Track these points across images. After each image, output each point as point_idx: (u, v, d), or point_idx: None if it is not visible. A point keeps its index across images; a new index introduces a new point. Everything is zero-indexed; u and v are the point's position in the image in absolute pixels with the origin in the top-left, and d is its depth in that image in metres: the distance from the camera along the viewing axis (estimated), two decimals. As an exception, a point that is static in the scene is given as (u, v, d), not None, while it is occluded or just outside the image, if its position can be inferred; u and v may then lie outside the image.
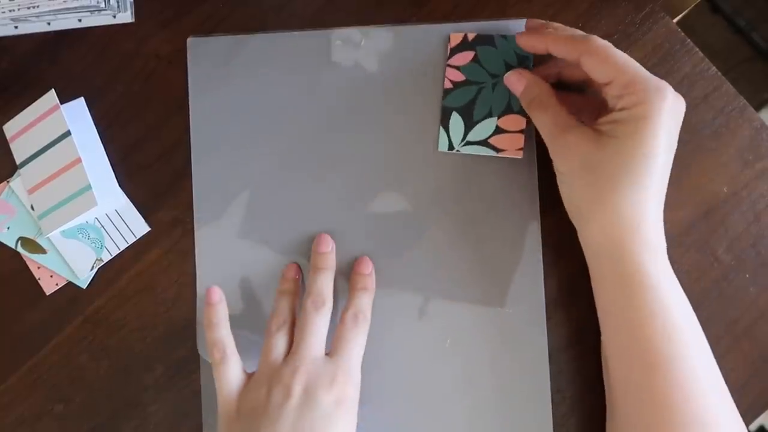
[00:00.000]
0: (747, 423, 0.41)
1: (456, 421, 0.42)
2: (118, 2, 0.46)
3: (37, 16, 0.45)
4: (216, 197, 0.44)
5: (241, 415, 0.38)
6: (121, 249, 0.45)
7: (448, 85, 0.42)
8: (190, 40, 0.45)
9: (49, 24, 0.46)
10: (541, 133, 0.38)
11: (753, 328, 0.42)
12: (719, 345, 0.42)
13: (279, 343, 0.40)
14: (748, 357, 0.41)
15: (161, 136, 0.45)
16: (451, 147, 0.42)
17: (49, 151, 0.43)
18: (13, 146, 0.45)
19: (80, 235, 0.45)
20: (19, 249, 0.45)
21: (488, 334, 0.42)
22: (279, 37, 0.45)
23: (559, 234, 0.43)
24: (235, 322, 0.43)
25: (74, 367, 0.45)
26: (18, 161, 0.45)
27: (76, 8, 0.44)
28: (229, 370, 0.40)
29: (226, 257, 0.44)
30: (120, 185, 0.45)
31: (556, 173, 0.38)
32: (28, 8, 0.43)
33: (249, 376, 0.40)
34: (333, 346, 0.40)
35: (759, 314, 0.42)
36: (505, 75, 0.40)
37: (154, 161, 0.45)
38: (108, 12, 0.46)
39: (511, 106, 0.41)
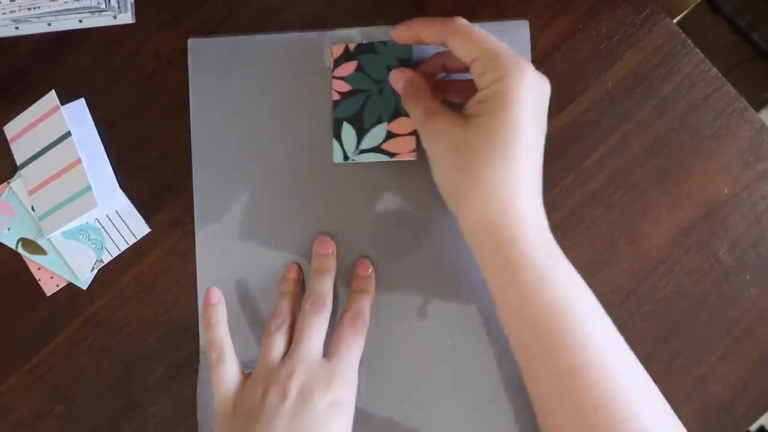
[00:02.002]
0: (747, 424, 0.41)
1: (456, 421, 0.42)
2: (118, 3, 0.46)
3: (38, 17, 0.45)
4: (216, 198, 0.44)
5: (237, 415, 0.38)
6: (122, 250, 0.45)
7: (335, 96, 0.42)
8: (190, 41, 0.45)
9: (49, 25, 0.46)
10: (415, 124, 0.38)
11: (753, 329, 0.42)
12: (720, 346, 0.42)
13: (277, 344, 0.40)
14: (749, 358, 0.41)
15: (161, 137, 0.45)
16: (345, 157, 0.42)
17: (49, 152, 0.43)
18: (13, 147, 0.45)
19: (80, 236, 0.45)
20: (20, 250, 0.45)
21: (489, 334, 0.42)
22: (279, 38, 0.45)
23: (558, 235, 0.43)
24: (235, 322, 0.43)
25: (74, 367, 0.45)
26: (18, 162, 0.45)
27: (76, 9, 0.44)
28: (226, 370, 0.40)
29: (226, 258, 0.44)
30: (120, 186, 0.45)
31: (429, 162, 0.38)
32: (29, 9, 0.43)
33: (246, 377, 0.40)
34: (331, 349, 0.40)
35: (759, 315, 0.42)
36: (389, 76, 0.40)
37: (154, 162, 0.45)
38: (108, 13, 0.46)
39: (399, 110, 0.41)
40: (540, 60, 0.43)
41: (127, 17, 0.46)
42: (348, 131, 0.42)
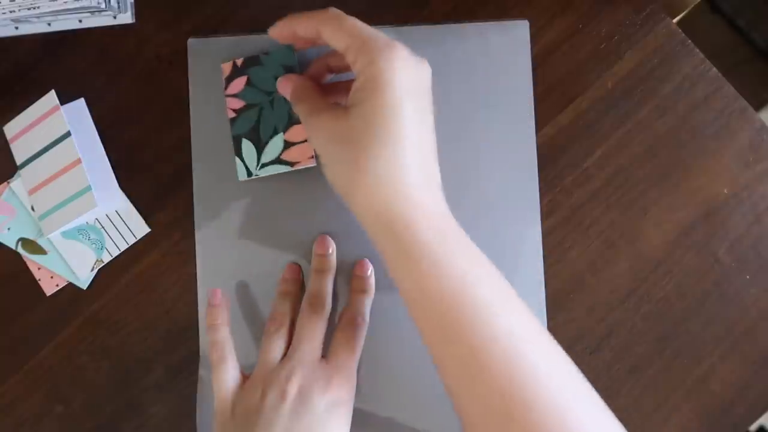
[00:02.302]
0: (747, 424, 0.41)
1: (456, 422, 0.42)
2: (118, 3, 0.46)
3: (38, 17, 0.45)
4: (216, 198, 0.44)
5: (236, 416, 0.38)
6: (122, 250, 0.45)
7: (231, 114, 0.42)
8: (190, 42, 0.45)
9: (49, 25, 0.46)
10: (302, 122, 0.37)
11: (753, 329, 0.42)
12: (720, 346, 0.42)
13: (276, 345, 0.40)
14: (749, 358, 0.41)
15: (161, 137, 0.45)
16: (249, 174, 0.42)
17: (49, 152, 0.43)
18: (13, 147, 0.45)
19: (80, 236, 0.45)
20: (20, 250, 0.45)
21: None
22: (279, 38, 0.45)
23: (559, 235, 0.43)
24: (235, 322, 0.43)
25: (75, 367, 0.45)
26: (18, 162, 0.45)
27: (76, 9, 0.44)
28: (226, 372, 0.40)
29: (226, 258, 0.44)
30: (120, 186, 0.45)
31: (318, 158, 0.37)
32: (29, 9, 0.43)
33: (246, 378, 0.40)
34: (330, 349, 0.40)
35: (759, 315, 0.42)
36: (277, 85, 0.40)
37: (154, 162, 0.45)
38: (108, 13, 0.46)
39: (292, 118, 0.41)
40: (540, 60, 0.43)
41: (127, 17, 0.46)
42: (248, 147, 0.42)
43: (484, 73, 0.43)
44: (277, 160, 0.41)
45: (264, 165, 0.42)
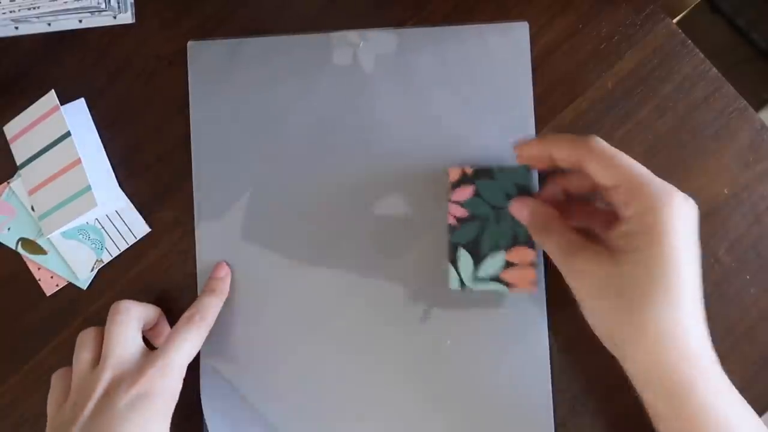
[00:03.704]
0: (747, 424, 0.41)
1: (457, 422, 0.42)
2: (118, 3, 0.46)
3: (38, 17, 0.45)
4: (216, 198, 0.44)
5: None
6: (122, 250, 0.45)
7: (452, 221, 0.40)
8: (189, 44, 0.45)
9: (49, 25, 0.46)
10: (553, 259, 0.35)
11: (753, 330, 0.42)
12: (719, 346, 0.42)
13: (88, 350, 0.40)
14: (749, 358, 0.41)
15: (162, 137, 0.45)
16: (462, 285, 0.40)
17: (49, 152, 0.43)
18: (13, 147, 0.45)
19: (80, 236, 0.45)
20: (20, 250, 0.45)
21: (489, 334, 0.42)
22: (279, 40, 0.45)
23: (559, 235, 0.43)
24: (234, 322, 0.43)
25: (75, 368, 0.45)
26: (18, 162, 0.45)
27: (76, 9, 0.44)
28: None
29: (226, 258, 0.44)
30: (120, 186, 0.45)
31: (578, 301, 0.35)
32: (29, 9, 0.43)
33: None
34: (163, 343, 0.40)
35: (759, 316, 0.42)
36: (510, 205, 0.39)
37: (154, 162, 0.45)
38: (108, 13, 0.46)
39: (518, 238, 0.39)
40: (540, 60, 0.43)
41: (127, 17, 0.46)
42: (465, 258, 0.40)
43: (484, 75, 0.43)
44: (495, 278, 0.39)
45: (480, 279, 0.39)
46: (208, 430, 0.42)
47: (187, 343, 0.39)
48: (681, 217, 0.32)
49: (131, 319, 0.40)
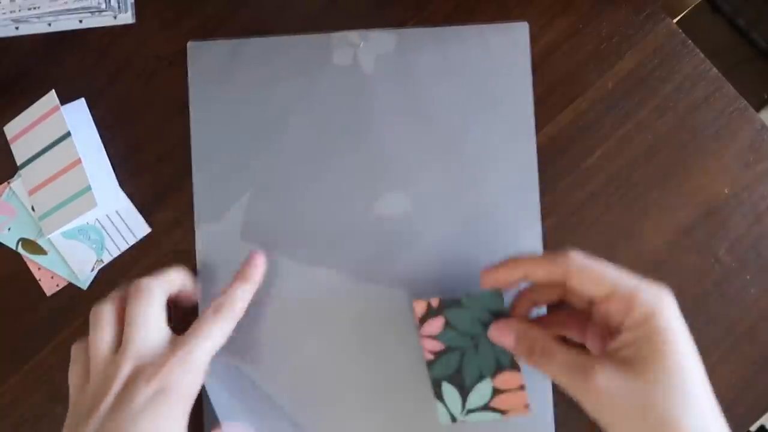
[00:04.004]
0: (748, 424, 0.41)
1: (456, 422, 0.42)
2: (118, 3, 0.46)
3: (38, 17, 0.45)
4: (217, 199, 0.44)
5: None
6: (122, 250, 0.45)
7: (428, 357, 0.38)
8: (189, 45, 0.45)
9: (49, 25, 0.46)
10: (559, 383, 0.33)
11: (754, 330, 0.42)
12: (720, 346, 0.42)
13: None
14: (749, 358, 0.41)
15: (162, 137, 0.45)
16: (453, 419, 0.38)
17: (49, 152, 0.43)
18: (13, 147, 0.45)
19: (81, 236, 0.45)
20: (20, 250, 0.45)
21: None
22: (279, 41, 0.45)
23: (559, 235, 0.43)
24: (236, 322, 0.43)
25: (75, 368, 0.45)
26: (18, 162, 0.45)
27: (77, 9, 0.44)
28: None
29: (227, 258, 0.44)
30: (120, 186, 0.45)
31: (599, 422, 0.32)
32: (29, 9, 0.43)
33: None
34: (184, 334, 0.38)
35: (759, 315, 0.42)
36: (489, 333, 0.37)
37: (154, 162, 0.45)
38: (109, 13, 0.46)
39: (501, 364, 0.37)
40: (540, 60, 0.43)
41: (127, 17, 0.46)
42: (450, 392, 0.38)
43: (484, 75, 0.43)
44: (486, 407, 0.38)
45: (470, 411, 0.38)
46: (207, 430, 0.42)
47: (212, 335, 0.38)
48: (675, 314, 0.32)
49: (154, 300, 0.38)
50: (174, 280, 0.41)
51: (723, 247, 0.42)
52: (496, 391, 0.38)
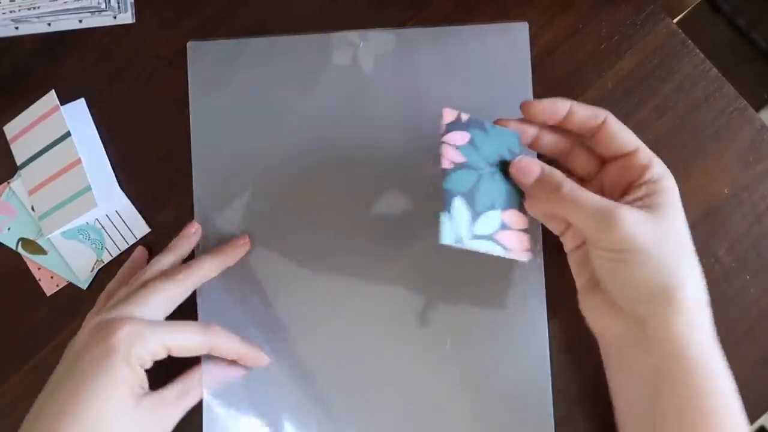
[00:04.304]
0: (748, 423, 0.41)
1: (457, 422, 0.42)
2: (118, 3, 0.46)
3: (38, 17, 0.45)
4: (217, 198, 0.44)
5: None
6: (122, 250, 0.45)
7: (447, 165, 0.35)
8: (189, 44, 0.45)
9: (49, 25, 0.46)
10: (588, 216, 0.34)
11: (754, 330, 0.42)
12: (719, 346, 0.42)
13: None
14: (749, 358, 0.41)
15: (162, 137, 0.45)
16: (458, 239, 0.34)
17: (49, 152, 0.43)
18: (13, 147, 0.45)
19: (81, 236, 0.45)
20: (20, 250, 0.45)
21: (489, 335, 0.42)
22: (279, 41, 0.45)
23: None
24: (234, 323, 0.43)
25: (75, 368, 0.45)
26: (18, 162, 0.45)
27: (76, 9, 0.44)
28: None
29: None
30: (120, 186, 0.45)
31: (619, 254, 0.34)
32: (29, 9, 0.43)
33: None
34: None
35: (759, 315, 0.42)
36: (514, 163, 0.36)
37: (154, 162, 0.45)
38: (108, 13, 0.46)
39: (512, 201, 0.37)
40: (540, 60, 0.43)
41: (127, 17, 0.46)
42: (460, 209, 0.34)
43: (484, 75, 0.43)
44: (491, 238, 0.35)
45: (476, 237, 0.35)
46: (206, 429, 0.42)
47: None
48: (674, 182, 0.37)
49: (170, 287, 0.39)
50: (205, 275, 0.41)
51: (723, 247, 0.42)
52: (503, 226, 0.36)
